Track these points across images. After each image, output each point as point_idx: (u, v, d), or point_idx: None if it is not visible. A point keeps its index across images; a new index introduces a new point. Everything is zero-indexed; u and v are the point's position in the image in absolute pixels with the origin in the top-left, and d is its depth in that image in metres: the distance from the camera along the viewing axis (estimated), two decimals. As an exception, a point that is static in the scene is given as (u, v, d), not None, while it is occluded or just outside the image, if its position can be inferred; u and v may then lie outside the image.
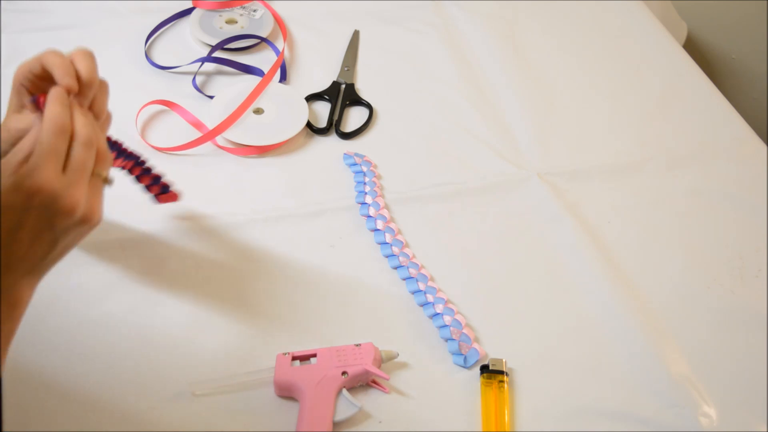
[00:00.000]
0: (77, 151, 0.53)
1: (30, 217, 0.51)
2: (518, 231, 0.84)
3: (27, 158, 0.52)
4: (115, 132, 0.84)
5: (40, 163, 0.51)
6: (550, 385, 0.70)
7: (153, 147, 0.87)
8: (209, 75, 0.99)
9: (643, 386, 0.71)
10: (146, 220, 0.80)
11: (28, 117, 0.57)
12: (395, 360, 0.70)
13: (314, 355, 0.68)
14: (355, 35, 1.08)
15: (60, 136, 0.52)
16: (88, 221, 0.54)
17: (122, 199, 0.81)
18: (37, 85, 0.59)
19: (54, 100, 0.54)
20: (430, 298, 0.75)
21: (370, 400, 0.67)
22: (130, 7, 1.07)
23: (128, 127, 0.89)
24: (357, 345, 0.68)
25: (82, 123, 0.54)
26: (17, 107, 0.59)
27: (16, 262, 0.53)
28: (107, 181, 0.57)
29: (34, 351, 0.67)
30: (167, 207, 0.81)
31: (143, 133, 0.90)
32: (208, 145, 0.89)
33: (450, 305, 0.75)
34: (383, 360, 0.69)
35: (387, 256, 0.79)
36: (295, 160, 0.90)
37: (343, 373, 0.66)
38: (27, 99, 0.57)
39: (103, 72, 0.96)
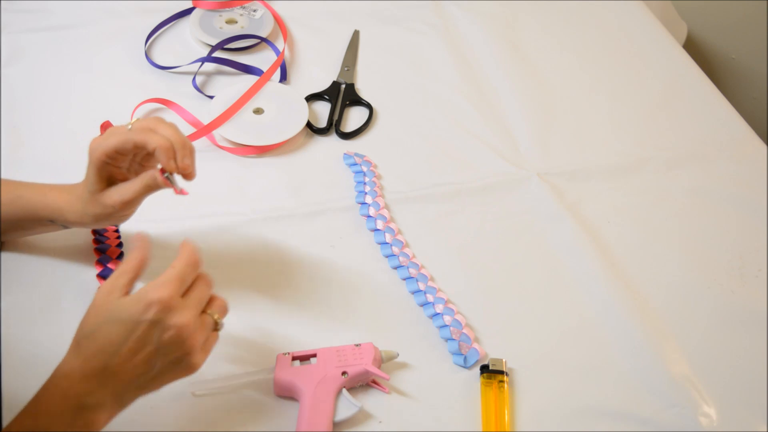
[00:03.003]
0: (199, 286, 0.58)
1: (139, 328, 0.55)
2: (518, 231, 0.84)
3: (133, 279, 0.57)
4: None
5: (166, 282, 0.56)
6: (550, 386, 0.70)
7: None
8: (209, 75, 0.99)
9: (643, 386, 0.71)
10: (145, 220, 0.79)
11: (130, 187, 0.65)
12: (395, 360, 0.70)
13: (314, 355, 0.67)
14: (355, 35, 1.08)
15: (190, 268, 0.58)
16: (190, 366, 0.57)
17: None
18: (118, 161, 0.64)
19: (187, 245, 0.59)
20: (430, 298, 0.75)
21: (370, 400, 0.67)
22: (130, 7, 1.07)
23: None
24: (357, 345, 0.68)
25: (204, 274, 0.60)
26: (100, 182, 0.65)
27: (109, 377, 0.55)
28: (218, 326, 0.60)
29: (35, 350, 0.67)
30: (167, 207, 0.81)
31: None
32: (208, 145, 0.89)
33: (450, 305, 0.75)
34: (383, 360, 0.69)
35: (387, 256, 0.79)
36: (295, 160, 0.90)
37: (343, 373, 0.66)
38: (158, 174, 0.64)
39: (103, 72, 0.97)
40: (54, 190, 0.69)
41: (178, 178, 0.64)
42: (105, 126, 0.88)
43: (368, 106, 0.97)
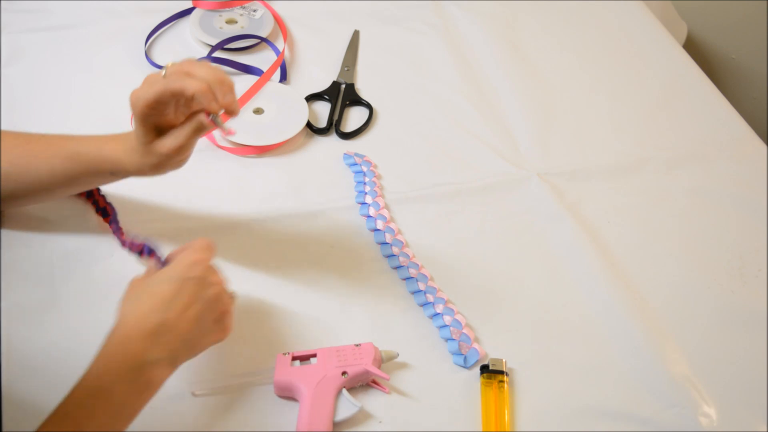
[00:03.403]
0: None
1: (188, 285, 0.60)
2: (518, 231, 0.84)
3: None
4: (115, 132, 0.83)
5: (197, 248, 0.63)
6: (550, 385, 0.70)
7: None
8: (209, 75, 0.99)
9: (643, 386, 0.71)
10: (145, 220, 0.79)
11: (180, 133, 0.64)
12: (395, 360, 0.70)
13: (314, 355, 0.67)
14: (355, 35, 1.08)
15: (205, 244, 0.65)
16: (226, 327, 0.64)
17: (118, 201, 0.81)
18: (161, 110, 0.63)
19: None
20: (430, 298, 0.75)
21: (370, 400, 0.67)
22: (130, 7, 1.07)
23: (127, 127, 0.89)
24: (357, 345, 0.68)
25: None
26: (149, 134, 0.65)
27: (165, 333, 0.58)
28: (233, 296, 0.67)
29: (36, 349, 0.67)
30: (167, 207, 0.81)
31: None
32: (208, 145, 0.89)
33: (450, 305, 0.75)
34: (383, 360, 0.69)
35: (387, 256, 0.79)
36: (295, 160, 0.90)
37: (343, 373, 0.66)
38: (203, 117, 0.64)
39: (103, 72, 0.97)
40: (110, 142, 0.69)
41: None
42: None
43: (368, 106, 0.97)
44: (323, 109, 0.97)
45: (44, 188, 0.71)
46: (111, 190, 0.77)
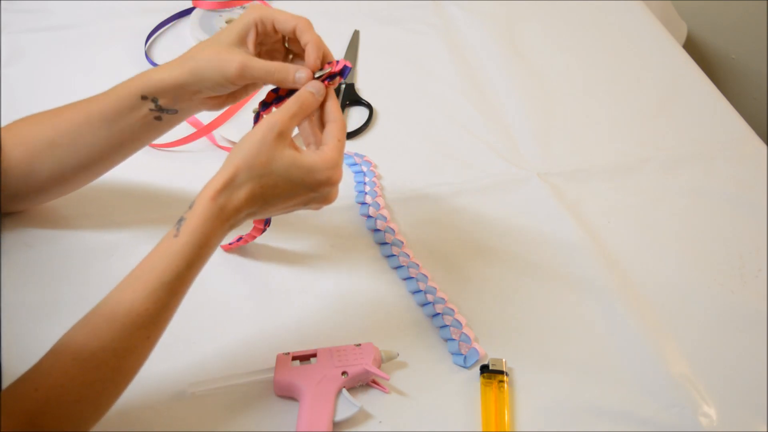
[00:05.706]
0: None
1: (306, 194, 0.62)
2: (518, 231, 0.84)
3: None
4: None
5: (339, 161, 0.62)
6: (550, 385, 0.70)
7: (149, 144, 0.87)
8: (209, 75, 0.99)
9: (643, 386, 0.70)
10: (142, 220, 0.79)
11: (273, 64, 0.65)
12: (395, 360, 0.70)
13: (314, 355, 0.67)
14: (355, 35, 1.08)
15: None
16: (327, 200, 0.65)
17: (115, 200, 0.81)
18: (260, 36, 0.66)
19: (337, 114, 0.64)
20: (430, 298, 0.75)
21: (370, 400, 0.67)
22: (130, 7, 1.07)
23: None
24: (357, 345, 0.68)
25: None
26: (239, 41, 0.66)
27: (258, 212, 0.61)
28: None
29: (36, 349, 0.67)
30: (166, 207, 0.80)
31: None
32: (208, 145, 0.89)
33: (450, 305, 0.75)
34: (383, 360, 0.69)
35: (387, 256, 0.79)
36: (295, 160, 0.90)
37: (343, 373, 0.66)
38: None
39: (103, 72, 0.97)
40: (159, 69, 0.69)
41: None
42: None
43: (368, 106, 0.97)
44: (323, 109, 0.97)
45: (96, 158, 0.72)
46: (109, 183, 0.77)
